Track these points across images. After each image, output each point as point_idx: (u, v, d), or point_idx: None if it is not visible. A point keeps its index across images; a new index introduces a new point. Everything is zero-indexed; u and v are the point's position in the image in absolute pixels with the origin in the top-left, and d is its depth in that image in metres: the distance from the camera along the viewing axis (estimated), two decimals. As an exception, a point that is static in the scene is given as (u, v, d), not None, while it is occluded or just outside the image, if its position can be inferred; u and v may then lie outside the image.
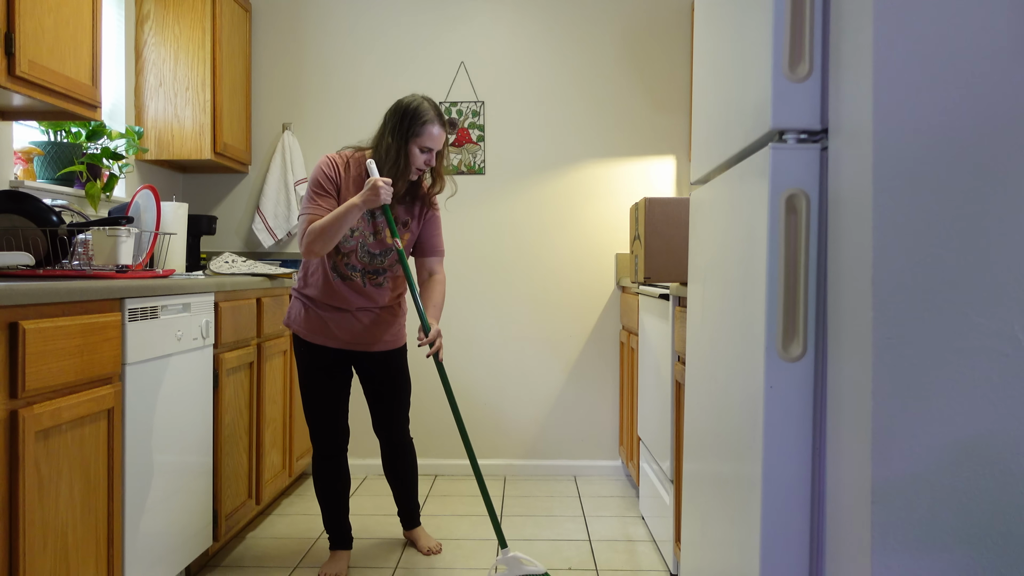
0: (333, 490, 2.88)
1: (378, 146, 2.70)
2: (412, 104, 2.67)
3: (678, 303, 2.68)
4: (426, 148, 2.67)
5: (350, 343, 2.79)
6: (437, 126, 2.67)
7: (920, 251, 1.18)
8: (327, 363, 2.80)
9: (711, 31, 1.89)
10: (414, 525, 3.11)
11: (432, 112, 2.66)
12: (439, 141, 2.69)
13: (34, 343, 1.78)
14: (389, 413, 2.94)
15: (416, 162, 2.67)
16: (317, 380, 2.80)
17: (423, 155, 2.68)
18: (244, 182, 4.22)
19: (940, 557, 1.17)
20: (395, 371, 2.91)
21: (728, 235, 1.67)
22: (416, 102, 2.68)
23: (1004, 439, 1.17)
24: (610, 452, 4.19)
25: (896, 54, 1.19)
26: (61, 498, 1.91)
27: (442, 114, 2.71)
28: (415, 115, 2.65)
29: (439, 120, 2.68)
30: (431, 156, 2.70)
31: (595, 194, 4.18)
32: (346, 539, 2.91)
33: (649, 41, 4.16)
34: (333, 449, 2.85)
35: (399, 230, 2.75)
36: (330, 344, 2.78)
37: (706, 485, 1.85)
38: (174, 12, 3.67)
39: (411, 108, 2.66)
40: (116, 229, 2.48)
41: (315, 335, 2.78)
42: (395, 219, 2.75)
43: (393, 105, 2.70)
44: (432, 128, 2.65)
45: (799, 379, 1.39)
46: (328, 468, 2.86)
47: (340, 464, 2.88)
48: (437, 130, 2.67)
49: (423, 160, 2.68)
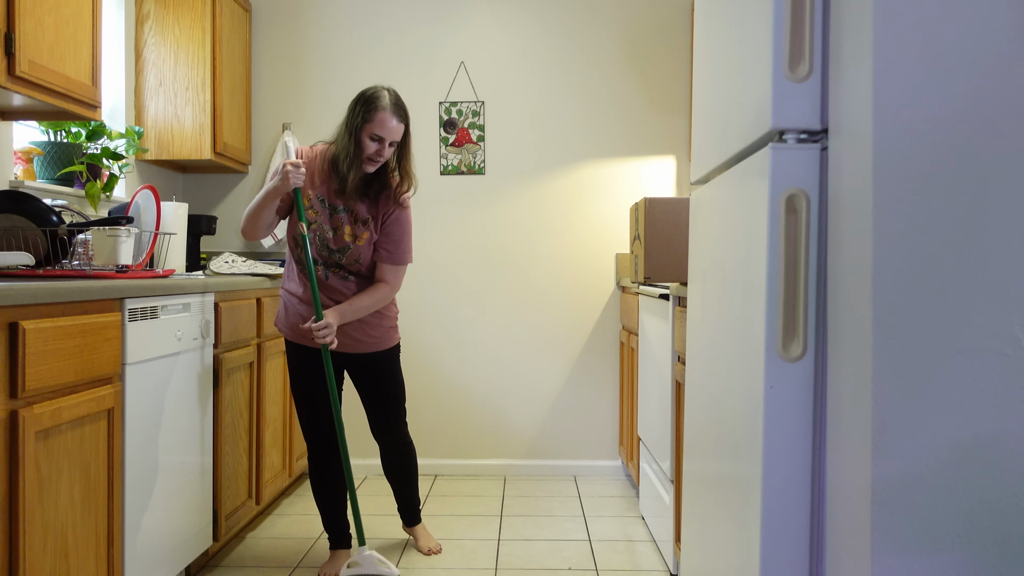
0: (327, 490, 2.86)
1: (338, 135, 2.64)
2: (368, 92, 2.60)
3: (678, 303, 2.68)
4: (376, 136, 2.57)
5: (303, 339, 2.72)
6: (390, 114, 2.56)
7: (920, 251, 1.18)
8: (311, 363, 2.74)
9: (711, 31, 1.89)
10: (415, 522, 3.09)
11: (387, 100, 2.58)
12: (392, 131, 2.58)
13: (34, 343, 1.78)
14: (383, 416, 2.92)
15: (367, 151, 2.58)
16: (304, 381, 2.76)
17: (373, 144, 2.58)
18: (244, 182, 4.22)
19: (940, 557, 1.17)
20: (385, 374, 2.86)
21: (728, 235, 1.67)
22: (373, 90, 2.60)
23: (1004, 439, 1.17)
24: (610, 452, 4.19)
25: (896, 54, 1.19)
26: (61, 498, 1.91)
27: (400, 106, 2.62)
28: (368, 101, 2.57)
29: (393, 109, 2.58)
30: (382, 146, 2.59)
31: (595, 194, 4.18)
32: (345, 538, 2.90)
33: (649, 41, 4.16)
34: (324, 450, 2.82)
35: (358, 228, 2.67)
36: (310, 344, 2.72)
37: (706, 485, 1.85)
38: (174, 12, 3.67)
39: (366, 95, 2.59)
40: (116, 229, 2.48)
41: (295, 335, 2.74)
42: (355, 216, 2.67)
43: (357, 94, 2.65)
44: (383, 115, 2.55)
45: (799, 379, 1.39)
46: (319, 467, 2.84)
47: (332, 463, 2.84)
48: (389, 118, 2.56)
49: (373, 149, 2.58)
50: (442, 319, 4.17)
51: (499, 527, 3.34)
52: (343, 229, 2.66)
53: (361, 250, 2.69)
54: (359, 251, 2.69)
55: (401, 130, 2.62)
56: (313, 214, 2.65)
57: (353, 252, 2.69)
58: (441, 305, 4.18)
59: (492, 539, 3.19)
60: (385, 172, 2.69)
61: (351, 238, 2.68)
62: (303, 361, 2.76)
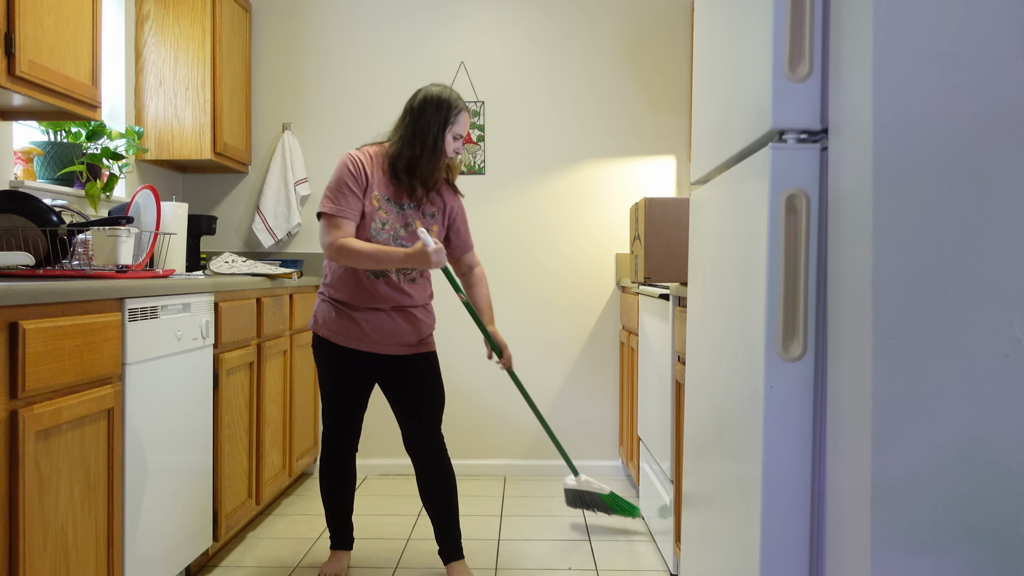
0: (339, 490, 2.81)
1: (411, 139, 2.63)
2: (443, 94, 2.66)
3: (678, 303, 2.68)
4: (459, 135, 2.67)
5: (386, 346, 2.67)
6: (467, 112, 2.69)
7: (920, 251, 1.18)
8: (355, 367, 2.69)
9: (711, 31, 1.89)
10: (456, 557, 2.76)
11: (460, 99, 2.69)
12: (466, 127, 2.71)
13: (34, 343, 1.78)
14: (426, 430, 2.72)
15: (449, 150, 2.67)
16: (342, 384, 2.70)
17: (456, 143, 2.67)
18: (244, 182, 4.22)
19: (940, 557, 1.17)
20: (429, 377, 2.74)
21: (728, 235, 1.67)
22: (445, 91, 2.68)
23: (1004, 439, 1.17)
24: (610, 452, 4.19)
25: (896, 54, 1.19)
26: (61, 498, 1.91)
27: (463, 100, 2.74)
28: (448, 104, 2.65)
29: (466, 106, 2.71)
30: (460, 143, 2.69)
31: (595, 194, 4.18)
32: (347, 539, 2.87)
33: (649, 41, 4.16)
34: (345, 451, 2.78)
35: (427, 223, 2.70)
36: (362, 348, 2.66)
37: (706, 485, 1.85)
38: (174, 12, 3.67)
39: (443, 97, 2.65)
40: (116, 229, 2.48)
41: (347, 338, 2.65)
42: (423, 211, 2.71)
43: (419, 97, 2.66)
44: (465, 115, 2.67)
45: (799, 379, 1.39)
46: (336, 469, 2.79)
47: (348, 465, 2.81)
48: (467, 116, 2.70)
49: (454, 148, 2.67)
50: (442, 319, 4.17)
51: (499, 527, 3.34)
52: (414, 225, 2.67)
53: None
54: None
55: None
56: (384, 214, 2.63)
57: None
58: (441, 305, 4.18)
59: (492, 539, 3.19)
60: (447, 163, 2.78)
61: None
62: (350, 365, 2.68)
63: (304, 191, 4.16)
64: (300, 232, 4.21)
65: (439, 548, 2.77)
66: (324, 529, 3.29)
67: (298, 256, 4.18)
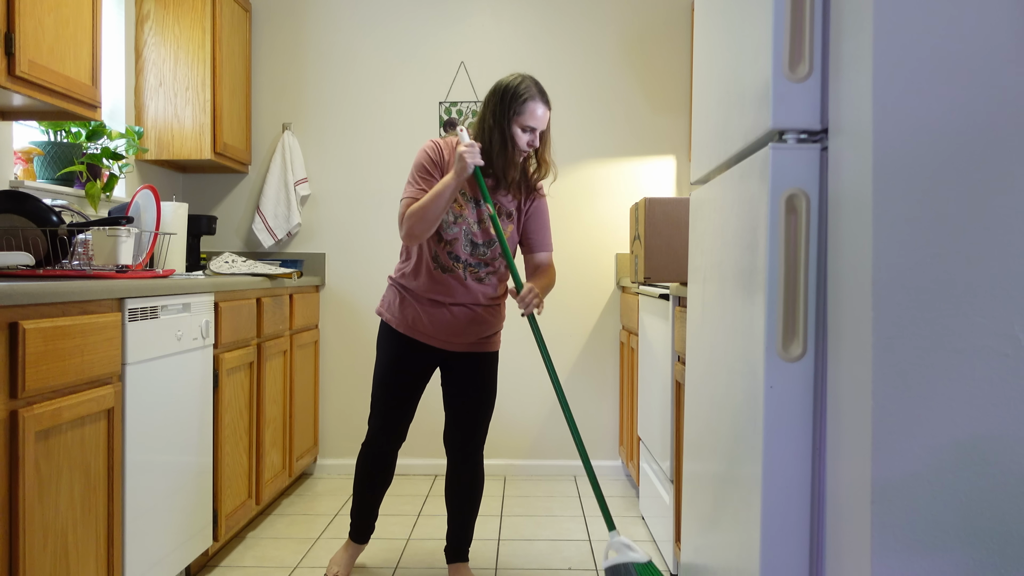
0: (374, 483, 2.75)
1: (481, 131, 2.57)
2: (512, 83, 2.54)
3: (678, 303, 2.68)
4: (528, 127, 2.52)
5: (442, 340, 2.62)
6: (539, 103, 2.53)
7: (920, 251, 1.18)
8: (413, 358, 2.65)
9: (711, 31, 1.89)
10: (461, 559, 2.77)
11: (534, 89, 2.54)
12: (542, 120, 2.55)
13: (34, 343, 1.78)
14: (468, 423, 2.68)
15: (520, 143, 2.53)
16: (393, 372, 2.66)
17: (526, 135, 2.53)
18: (244, 182, 4.22)
19: (940, 557, 1.17)
20: (484, 377, 2.68)
21: (728, 235, 1.67)
22: (517, 80, 2.55)
23: (1004, 439, 1.17)
24: (610, 452, 4.19)
25: (896, 54, 1.19)
26: (61, 498, 1.91)
27: (544, 92, 2.57)
28: (515, 93, 2.52)
29: (541, 97, 2.54)
30: (534, 136, 2.55)
31: (595, 194, 4.18)
32: (364, 534, 2.81)
33: (649, 41, 4.16)
34: (383, 444, 2.71)
35: (502, 221, 2.61)
36: (420, 339, 2.62)
37: (706, 485, 1.85)
38: (174, 12, 3.67)
39: (511, 87, 2.53)
40: (116, 229, 2.48)
41: (407, 327, 2.63)
42: (499, 208, 2.61)
43: (493, 86, 2.58)
44: (533, 105, 2.51)
45: (799, 379, 1.39)
46: (371, 460, 2.73)
47: (384, 459, 2.74)
48: (540, 107, 2.53)
49: (526, 140, 2.54)
50: (442, 319, 4.17)
51: (499, 527, 3.34)
52: (488, 222, 2.58)
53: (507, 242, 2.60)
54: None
55: (548, 117, 2.58)
56: (458, 208, 2.56)
57: (498, 246, 2.61)
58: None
59: (492, 539, 3.19)
60: (524, 161, 2.63)
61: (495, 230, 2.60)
62: (407, 354, 2.65)
63: (304, 191, 4.16)
64: (300, 232, 4.21)
65: (446, 545, 2.78)
66: (324, 529, 3.29)
67: (298, 256, 4.18)
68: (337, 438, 4.19)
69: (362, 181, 4.17)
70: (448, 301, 2.59)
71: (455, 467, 2.73)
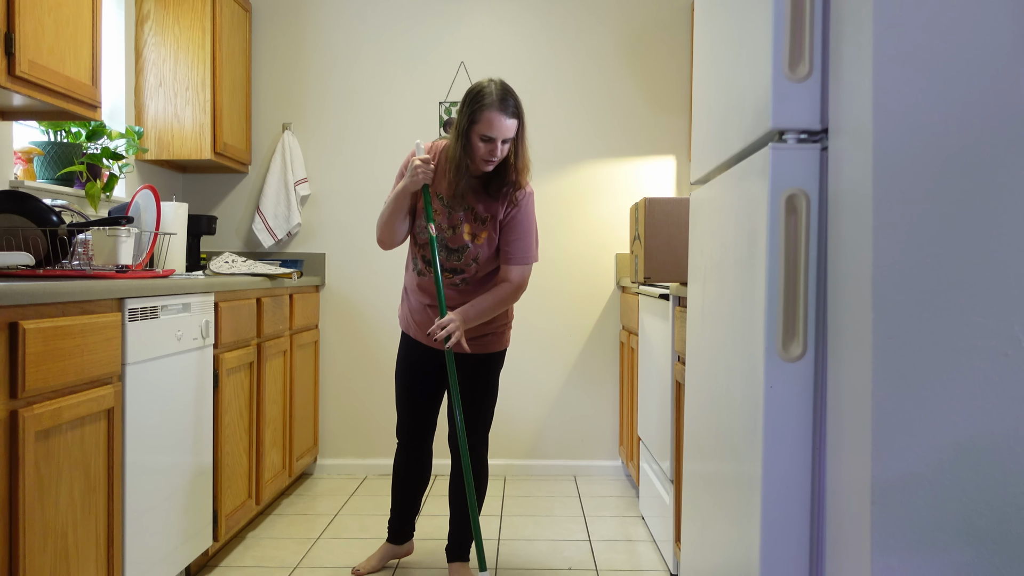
0: (405, 481, 2.80)
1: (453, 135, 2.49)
2: (475, 88, 2.43)
3: (678, 303, 2.68)
4: (486, 137, 2.40)
5: (431, 342, 2.64)
6: (497, 112, 2.38)
7: (920, 251, 1.18)
8: (416, 357, 2.72)
9: (711, 31, 1.89)
10: (461, 558, 2.76)
11: (494, 96, 2.39)
12: (502, 130, 2.40)
13: (34, 343, 1.78)
14: (468, 426, 2.68)
15: (478, 152, 2.43)
16: (403, 370, 2.74)
17: (484, 144, 2.41)
18: (244, 182, 4.22)
19: (940, 557, 1.17)
20: (483, 379, 2.69)
21: (728, 235, 1.67)
22: (480, 86, 2.43)
23: (1004, 439, 1.17)
24: (610, 452, 4.19)
25: (896, 54, 1.19)
26: (61, 498, 1.91)
27: (509, 101, 2.42)
28: (474, 100, 2.41)
29: (500, 106, 2.39)
30: (494, 146, 2.41)
31: (595, 194, 4.18)
32: (398, 535, 2.85)
33: (649, 41, 4.16)
34: (413, 441, 2.77)
35: (476, 227, 2.55)
36: (418, 339, 2.69)
37: (706, 485, 1.85)
38: (174, 12, 3.67)
39: (472, 92, 2.43)
40: (116, 229, 2.48)
41: (405, 326, 2.74)
42: (475, 214, 2.54)
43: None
44: (490, 115, 2.38)
45: (799, 379, 1.39)
46: (406, 459, 2.79)
47: (419, 457, 2.79)
48: (498, 117, 2.38)
49: (485, 151, 2.42)
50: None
51: (499, 527, 3.34)
52: (461, 227, 2.53)
53: (479, 249, 2.55)
54: (476, 250, 2.57)
55: (514, 126, 2.43)
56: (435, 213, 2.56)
57: (471, 252, 2.56)
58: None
59: (492, 539, 3.19)
60: (506, 168, 2.51)
61: (470, 237, 2.56)
62: (420, 358, 2.71)
63: (304, 191, 4.16)
64: (300, 232, 4.21)
65: (447, 544, 2.80)
66: (324, 529, 3.29)
67: (298, 256, 4.18)
68: (337, 438, 4.19)
69: (362, 181, 4.17)
70: (429, 303, 2.66)
71: (457, 468, 2.74)
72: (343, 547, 3.09)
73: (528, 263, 2.61)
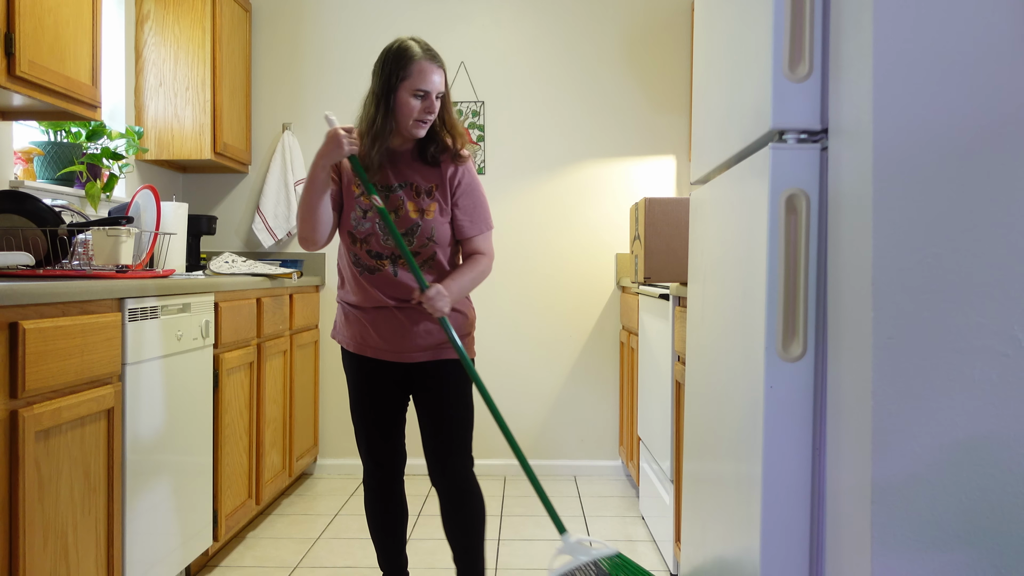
0: (379, 522, 2.41)
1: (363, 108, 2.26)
2: (394, 45, 2.20)
3: (678, 303, 2.68)
4: (420, 91, 2.16)
5: (395, 352, 2.27)
6: (427, 61, 2.16)
7: (920, 251, 1.18)
8: (373, 378, 2.32)
9: (711, 31, 1.89)
10: None
11: (418, 48, 2.18)
12: (436, 82, 2.17)
13: (34, 343, 1.78)
14: (443, 447, 2.32)
15: (411, 111, 2.16)
16: (360, 397, 2.34)
17: (417, 101, 2.16)
18: (244, 182, 4.22)
19: (940, 557, 1.17)
20: (451, 388, 2.30)
21: (728, 235, 1.67)
22: (399, 41, 2.21)
23: (1004, 439, 1.17)
24: (610, 452, 4.19)
25: (896, 54, 1.19)
26: (61, 498, 1.91)
27: (434, 52, 2.20)
28: (398, 55, 2.17)
29: (428, 56, 2.17)
30: (429, 102, 2.17)
31: (595, 194, 4.18)
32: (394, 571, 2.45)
33: (649, 41, 4.16)
34: (377, 476, 2.38)
35: (422, 201, 2.23)
36: (373, 355, 2.29)
37: (706, 485, 1.85)
38: (174, 12, 3.67)
39: (392, 49, 2.19)
40: (116, 229, 2.48)
41: (357, 345, 2.31)
42: (416, 189, 2.24)
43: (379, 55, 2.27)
44: (420, 64, 2.15)
45: (799, 379, 1.39)
46: (373, 497, 2.41)
47: (386, 494, 2.40)
48: (428, 66, 2.16)
49: (421, 108, 2.17)
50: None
51: (499, 527, 3.34)
52: (404, 208, 2.22)
53: (433, 224, 2.23)
54: (430, 226, 2.23)
55: (443, 79, 2.21)
56: (366, 200, 2.21)
57: (424, 229, 2.23)
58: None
59: (492, 539, 3.19)
60: (437, 133, 2.25)
61: (417, 214, 2.23)
62: (366, 375, 2.32)
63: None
64: (300, 232, 4.21)
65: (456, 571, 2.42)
66: (324, 529, 3.29)
67: (298, 256, 4.18)
68: (337, 438, 4.19)
69: (362, 181, 4.17)
70: (392, 304, 2.25)
71: (448, 504, 2.36)
72: (343, 547, 3.09)
73: (490, 229, 2.35)
